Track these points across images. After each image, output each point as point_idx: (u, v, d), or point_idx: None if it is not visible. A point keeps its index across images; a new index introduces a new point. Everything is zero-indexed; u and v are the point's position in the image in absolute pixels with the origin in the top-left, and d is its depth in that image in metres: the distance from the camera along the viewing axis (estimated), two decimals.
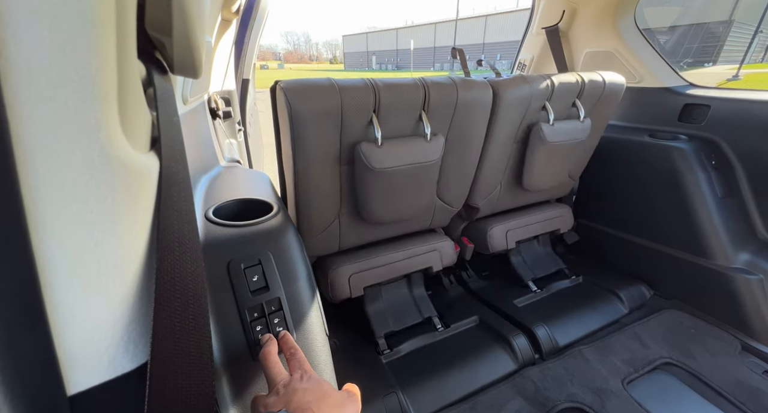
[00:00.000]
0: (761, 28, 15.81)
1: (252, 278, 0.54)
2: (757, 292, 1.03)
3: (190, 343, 0.23)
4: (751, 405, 0.88)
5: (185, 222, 0.23)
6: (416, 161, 0.89)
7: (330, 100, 0.75)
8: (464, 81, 0.88)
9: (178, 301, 0.22)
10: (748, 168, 1.06)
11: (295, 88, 0.74)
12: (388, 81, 0.81)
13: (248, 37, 1.35)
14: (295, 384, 0.43)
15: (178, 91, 0.64)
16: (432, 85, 0.84)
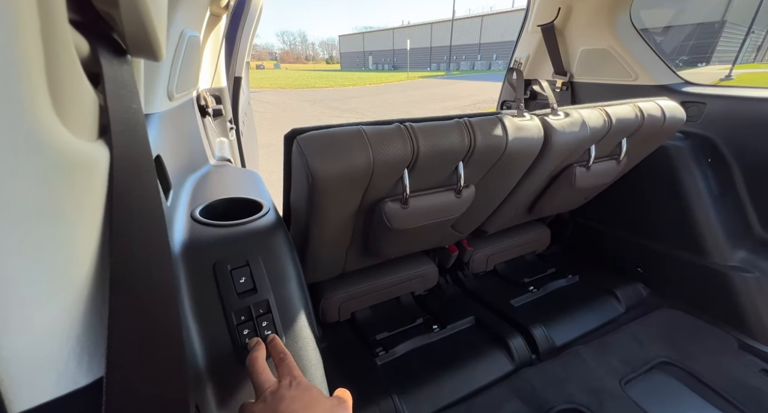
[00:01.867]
0: (752, 28, 15.96)
1: (239, 280, 0.52)
2: (754, 290, 1.03)
3: (156, 352, 0.21)
4: (749, 404, 0.87)
5: (149, 220, 0.21)
6: (440, 218, 0.81)
7: (359, 159, 0.60)
8: (516, 125, 0.73)
9: (138, 307, 0.20)
10: (744, 166, 1.05)
11: (316, 144, 0.59)
12: (427, 125, 0.66)
13: (240, 33, 1.32)
14: (282, 391, 0.41)
15: (161, 86, 0.61)
16: (479, 129, 0.69)
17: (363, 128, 0.62)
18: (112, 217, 0.19)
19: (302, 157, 0.59)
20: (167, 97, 0.65)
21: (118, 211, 0.19)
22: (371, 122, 0.65)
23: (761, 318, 1.02)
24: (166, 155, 0.60)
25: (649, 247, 1.24)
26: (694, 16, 16.07)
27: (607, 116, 0.86)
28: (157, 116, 0.60)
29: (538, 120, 0.78)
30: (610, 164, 0.99)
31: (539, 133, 0.77)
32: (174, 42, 0.63)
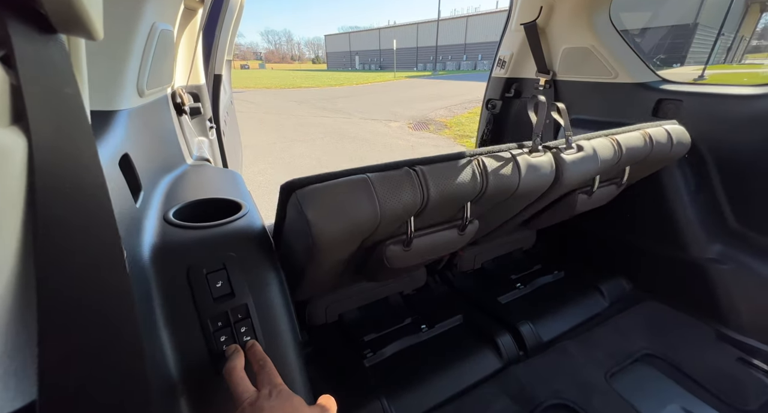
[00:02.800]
0: (722, 31, 16.66)
1: (215, 284, 0.50)
2: (729, 281, 1.06)
3: (105, 370, 0.19)
4: (728, 392, 0.90)
5: (90, 221, 0.19)
6: (441, 253, 0.78)
7: (365, 213, 0.55)
8: (528, 163, 0.70)
9: (77, 320, 0.17)
10: (718, 161, 1.08)
11: (319, 200, 0.52)
12: (438, 168, 0.61)
13: (219, 30, 1.28)
14: (262, 402, 0.39)
15: (129, 81, 0.58)
16: (491, 169, 0.65)
17: (369, 177, 0.56)
18: (36, 219, 0.16)
19: (301, 214, 0.52)
20: (137, 93, 0.62)
21: (43, 210, 0.17)
22: (377, 167, 0.59)
23: (736, 309, 1.05)
24: (136, 153, 0.56)
25: (631, 242, 1.27)
26: (669, 18, 16.67)
27: (617, 146, 0.84)
28: (125, 113, 0.57)
29: (551, 155, 0.75)
30: (611, 189, 0.98)
31: (551, 169, 0.74)
32: (144, 35, 0.60)
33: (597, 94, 1.32)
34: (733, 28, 20.29)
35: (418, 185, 0.59)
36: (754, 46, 24.22)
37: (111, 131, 0.50)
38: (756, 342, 1.02)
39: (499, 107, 1.67)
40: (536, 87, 1.48)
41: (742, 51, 22.44)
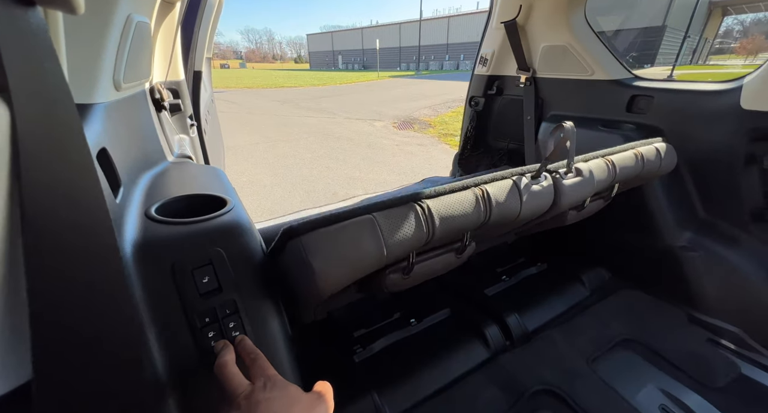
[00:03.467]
0: (688, 33, 17.53)
1: (202, 280, 0.49)
2: (699, 267, 1.12)
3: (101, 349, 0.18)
4: (699, 370, 0.95)
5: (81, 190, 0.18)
6: (437, 275, 0.79)
7: (371, 255, 0.54)
8: (530, 190, 0.72)
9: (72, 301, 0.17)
10: (687, 154, 1.14)
11: (324, 248, 0.50)
12: (443, 201, 0.60)
13: (198, 25, 1.25)
14: (257, 395, 0.39)
15: (105, 73, 0.56)
16: (495, 198, 0.65)
17: (375, 217, 0.54)
18: (22, 194, 0.16)
19: (305, 262, 0.50)
20: (113, 86, 0.60)
21: (30, 187, 0.16)
22: (383, 204, 0.57)
23: (706, 293, 1.12)
24: (114, 149, 0.54)
25: (609, 234, 1.32)
26: (639, 20, 17.40)
27: (612, 167, 0.88)
28: (101, 107, 0.55)
29: (551, 180, 0.77)
30: (599, 203, 1.02)
31: (550, 195, 0.76)
32: (119, 26, 0.58)
33: (575, 91, 1.37)
34: (698, 30, 21.40)
35: (424, 220, 0.58)
36: (717, 48, 25.61)
37: (87, 125, 0.49)
38: (723, 323, 1.08)
39: (482, 104, 1.70)
40: (517, 84, 1.51)
41: (707, 52, 23.68)
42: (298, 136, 6.14)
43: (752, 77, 0.98)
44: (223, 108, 9.47)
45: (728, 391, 0.91)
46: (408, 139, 5.81)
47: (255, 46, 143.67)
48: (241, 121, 7.69)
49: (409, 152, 5.00)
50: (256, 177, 4.00)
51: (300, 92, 14.01)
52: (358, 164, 4.47)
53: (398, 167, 4.33)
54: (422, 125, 6.95)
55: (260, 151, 5.13)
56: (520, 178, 0.73)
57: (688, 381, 0.94)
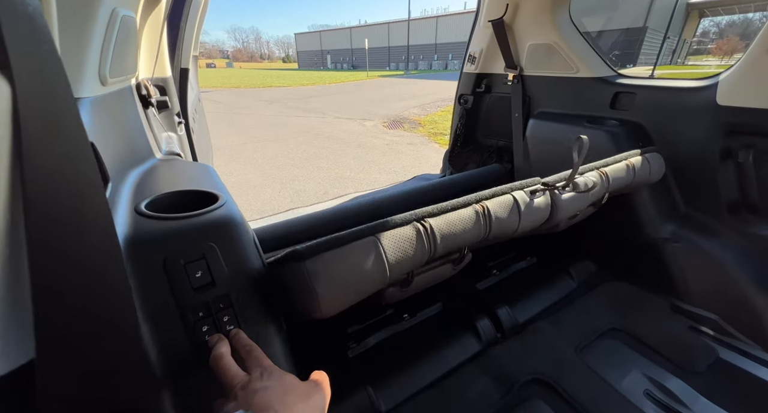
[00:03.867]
0: (668, 34, 18.07)
1: (195, 275, 0.48)
2: (680, 258, 1.16)
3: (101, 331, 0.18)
4: (680, 356, 0.99)
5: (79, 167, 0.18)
6: (432, 285, 0.81)
7: (374, 277, 0.55)
8: (528, 205, 0.73)
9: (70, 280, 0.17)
10: (667, 149, 1.19)
11: (328, 273, 0.51)
12: (445, 220, 0.61)
13: (184, 21, 1.23)
14: (254, 384, 0.39)
15: (90, 68, 0.55)
16: (494, 214, 0.67)
17: (378, 239, 0.54)
18: (23, 171, 0.16)
19: (309, 287, 0.49)
20: (99, 81, 0.59)
21: (32, 163, 0.16)
22: (386, 225, 0.57)
23: (687, 282, 1.16)
24: (101, 144, 0.54)
25: (595, 227, 1.35)
26: (622, 21, 17.86)
27: (606, 178, 0.91)
28: (87, 101, 0.54)
29: (548, 196, 0.79)
30: (589, 210, 1.06)
31: (547, 209, 0.78)
32: (104, 20, 0.57)
33: (560, 88, 1.40)
34: (678, 31, 22.09)
35: (426, 240, 0.59)
36: (695, 49, 26.50)
37: None
38: (703, 311, 1.13)
39: (471, 102, 1.72)
40: (505, 82, 1.54)
41: (686, 53, 24.47)
42: (287, 136, 6.08)
43: (727, 74, 1.02)
44: (210, 108, 9.31)
45: (708, 375, 0.95)
46: (398, 138, 5.83)
47: (242, 46, 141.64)
48: (229, 121, 7.58)
49: (399, 151, 5.01)
50: (245, 177, 3.96)
51: (288, 92, 13.88)
52: (348, 163, 4.47)
53: (389, 166, 4.34)
54: (412, 124, 6.98)
55: (249, 151, 5.07)
56: (520, 193, 0.74)
57: (670, 366, 0.97)
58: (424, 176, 1.94)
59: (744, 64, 0.96)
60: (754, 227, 1.06)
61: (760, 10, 20.48)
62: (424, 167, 4.30)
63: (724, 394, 0.90)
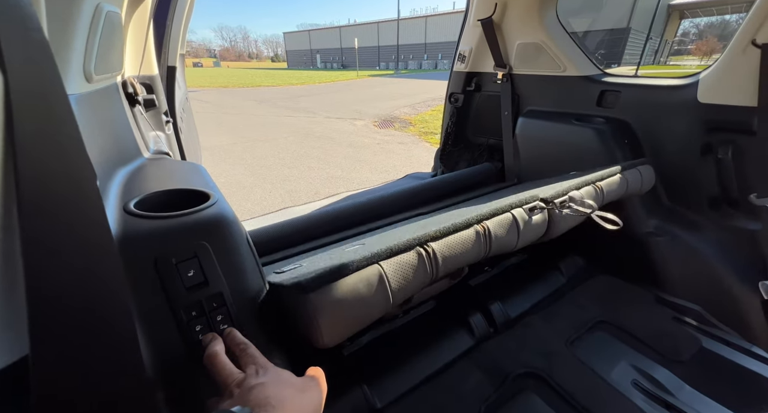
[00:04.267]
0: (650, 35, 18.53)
1: (187, 274, 0.48)
2: (665, 251, 1.20)
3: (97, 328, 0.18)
4: (665, 346, 1.03)
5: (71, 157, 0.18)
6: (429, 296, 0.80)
7: (378, 308, 0.55)
8: (527, 223, 0.75)
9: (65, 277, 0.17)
10: (651, 144, 1.22)
11: (332, 306, 0.50)
12: (447, 242, 0.62)
13: (171, 18, 1.21)
14: (250, 381, 0.38)
15: (74, 64, 0.54)
16: (494, 234, 0.68)
17: (382, 267, 0.54)
18: (17, 162, 0.16)
19: (312, 318, 0.49)
20: (84, 78, 0.57)
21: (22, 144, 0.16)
22: (389, 251, 0.56)
23: (670, 274, 1.20)
24: (87, 143, 0.52)
25: (583, 223, 1.38)
26: (606, 22, 18.24)
27: (600, 191, 0.95)
28: (72, 98, 0.53)
29: (546, 213, 0.81)
30: (580, 218, 1.08)
31: (543, 225, 0.81)
32: (88, 15, 0.56)
33: (549, 87, 1.43)
34: (659, 32, 22.66)
35: (429, 264, 0.60)
36: (676, 49, 27.25)
37: None
38: (686, 302, 1.16)
39: (461, 101, 1.74)
40: (495, 81, 1.56)
41: (668, 53, 25.15)
42: (277, 136, 6.02)
43: (707, 73, 1.05)
44: (198, 108, 9.15)
45: (691, 364, 0.98)
46: (389, 137, 5.83)
47: (229, 45, 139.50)
48: (217, 121, 7.46)
49: (390, 150, 5.02)
50: (235, 178, 3.90)
51: (278, 91, 13.75)
52: (339, 163, 4.45)
53: (380, 165, 4.34)
54: (403, 123, 6.99)
55: (238, 151, 5.01)
56: (519, 211, 0.76)
57: (656, 356, 1.00)
58: (415, 174, 1.95)
59: (722, 63, 1.00)
60: (734, 221, 1.10)
61: (736, 11, 21.20)
62: (416, 166, 4.31)
63: (708, 382, 0.93)
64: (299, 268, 0.64)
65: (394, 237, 0.65)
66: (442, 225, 0.65)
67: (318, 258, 0.71)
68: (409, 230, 0.74)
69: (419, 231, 0.63)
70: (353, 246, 0.76)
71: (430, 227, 0.66)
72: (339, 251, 0.74)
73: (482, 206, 0.78)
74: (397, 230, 0.73)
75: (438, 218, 0.92)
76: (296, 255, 0.95)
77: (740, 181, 1.08)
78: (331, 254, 0.75)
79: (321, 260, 0.68)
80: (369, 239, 0.82)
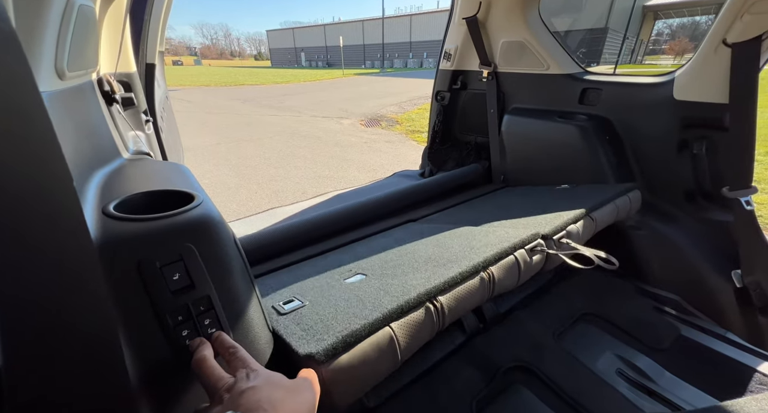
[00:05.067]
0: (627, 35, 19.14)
1: (172, 277, 0.46)
2: (645, 244, 1.24)
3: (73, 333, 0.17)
4: (647, 335, 1.07)
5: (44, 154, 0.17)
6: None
7: (387, 370, 0.57)
8: (528, 264, 0.80)
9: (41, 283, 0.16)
10: (630, 140, 1.26)
11: (345, 377, 0.51)
12: (455, 293, 0.65)
13: (148, 13, 1.17)
14: (240, 385, 0.37)
15: (45, 60, 0.51)
16: (498, 277, 0.72)
17: (393, 329, 0.55)
18: None
19: (325, 390, 0.48)
20: (56, 74, 0.54)
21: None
22: (399, 310, 0.57)
23: (650, 266, 1.24)
24: (61, 143, 0.50)
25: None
26: (586, 22, 18.74)
27: (594, 223, 0.99)
28: (43, 96, 0.50)
29: (545, 253, 0.84)
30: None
31: (541, 262, 0.85)
32: (59, 9, 0.53)
33: (533, 85, 1.45)
34: (635, 32, 23.45)
35: (436, 317, 0.62)
36: (651, 49, 28.27)
37: None
38: (665, 292, 1.21)
39: (448, 99, 1.75)
40: (480, 79, 1.57)
41: (644, 52, 26.05)
42: (262, 135, 5.92)
43: (682, 71, 1.10)
44: (180, 107, 8.89)
45: (671, 351, 1.02)
46: (376, 136, 5.82)
47: (210, 42, 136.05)
48: (200, 120, 7.28)
49: (377, 149, 5.01)
50: (220, 179, 3.82)
51: (262, 90, 13.51)
52: (326, 162, 4.41)
53: (367, 164, 4.33)
54: (389, 122, 6.99)
55: (222, 151, 4.90)
56: (521, 252, 0.80)
57: (638, 345, 1.04)
58: (403, 172, 1.95)
59: (696, 62, 1.04)
60: (708, 213, 1.15)
61: (705, 13, 22.15)
62: (404, 165, 4.32)
63: (686, 368, 0.97)
64: (303, 308, 0.64)
65: (402, 289, 0.65)
66: (450, 274, 0.67)
67: (321, 291, 0.70)
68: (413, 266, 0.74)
69: (427, 283, 0.65)
70: (355, 277, 0.76)
71: (437, 276, 0.67)
72: (339, 282, 0.74)
73: (485, 245, 0.79)
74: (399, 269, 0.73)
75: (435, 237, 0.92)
76: (288, 266, 0.94)
77: (714, 175, 1.13)
78: (330, 280, 0.75)
79: (324, 295, 0.67)
80: (370, 264, 0.82)
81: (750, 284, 1.03)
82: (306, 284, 0.76)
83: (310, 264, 0.93)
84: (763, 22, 0.88)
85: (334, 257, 0.95)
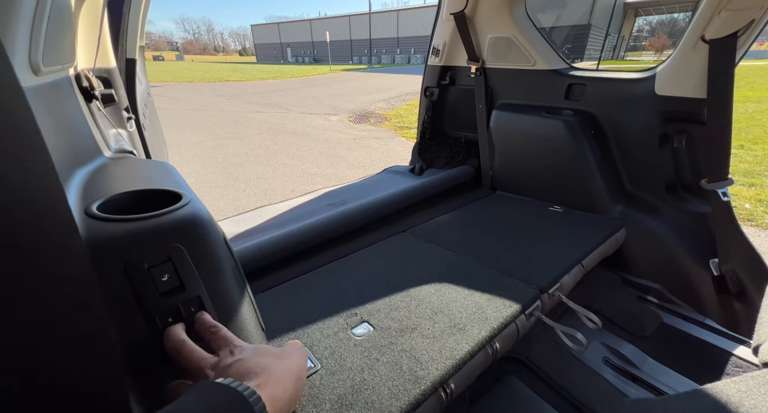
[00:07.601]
0: (609, 31, 19.54)
1: (161, 279, 0.45)
2: (629, 235, 1.28)
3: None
4: (631, 324, 1.11)
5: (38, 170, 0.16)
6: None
7: None
8: (526, 328, 0.83)
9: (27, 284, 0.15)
10: (615, 135, 1.29)
11: None
12: (465, 373, 0.67)
13: (127, 6, 1.12)
14: (226, 360, 0.36)
15: (18, 53, 0.49)
16: (501, 349, 0.75)
17: None
18: None
19: None
20: (30, 69, 0.52)
21: None
22: (414, 400, 0.58)
23: (634, 257, 1.28)
24: None
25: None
26: (570, 19, 19.04)
27: (583, 270, 1.04)
28: None
29: (540, 320, 0.87)
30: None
31: (534, 324, 0.87)
32: (32, 0, 0.51)
33: (520, 80, 1.47)
34: (617, 29, 23.97)
35: (446, 399, 0.63)
36: (632, 45, 28.94)
37: None
38: (648, 282, 1.25)
39: (436, 95, 1.75)
40: (468, 74, 1.58)
41: (625, 48, 26.64)
42: (249, 132, 5.82)
43: (663, 67, 1.12)
44: (163, 104, 8.64)
45: (654, 338, 1.06)
46: (365, 133, 5.80)
47: (192, 37, 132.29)
48: (184, 118, 7.09)
49: (366, 145, 4.99)
50: (206, 177, 3.74)
51: (248, 87, 13.25)
52: (315, 159, 4.38)
53: (357, 161, 4.31)
54: (378, 118, 6.97)
55: (208, 149, 4.79)
56: (521, 319, 0.82)
57: (623, 334, 1.08)
58: (394, 168, 1.95)
59: (676, 57, 1.07)
60: (688, 204, 1.19)
61: (684, 10, 22.78)
62: (393, 161, 4.32)
63: (668, 354, 1.01)
64: (316, 374, 0.63)
65: (415, 362, 0.66)
66: (461, 353, 0.68)
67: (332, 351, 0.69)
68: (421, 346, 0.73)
69: (439, 365, 0.65)
70: (361, 325, 0.76)
71: (448, 351, 0.68)
72: (347, 333, 0.74)
73: (489, 306, 0.82)
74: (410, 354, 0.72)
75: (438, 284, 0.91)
76: (282, 284, 0.93)
77: (693, 167, 1.17)
78: (336, 329, 0.74)
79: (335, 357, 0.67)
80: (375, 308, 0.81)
81: (726, 272, 1.07)
82: (311, 329, 0.75)
83: (305, 286, 0.91)
84: (740, 19, 0.91)
85: (332, 282, 0.93)
